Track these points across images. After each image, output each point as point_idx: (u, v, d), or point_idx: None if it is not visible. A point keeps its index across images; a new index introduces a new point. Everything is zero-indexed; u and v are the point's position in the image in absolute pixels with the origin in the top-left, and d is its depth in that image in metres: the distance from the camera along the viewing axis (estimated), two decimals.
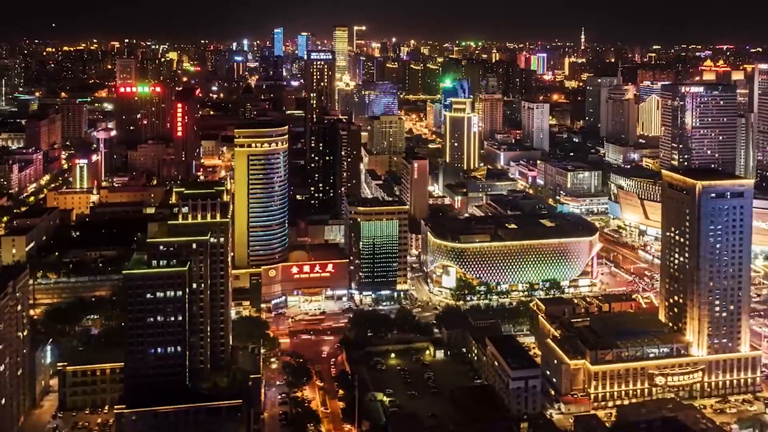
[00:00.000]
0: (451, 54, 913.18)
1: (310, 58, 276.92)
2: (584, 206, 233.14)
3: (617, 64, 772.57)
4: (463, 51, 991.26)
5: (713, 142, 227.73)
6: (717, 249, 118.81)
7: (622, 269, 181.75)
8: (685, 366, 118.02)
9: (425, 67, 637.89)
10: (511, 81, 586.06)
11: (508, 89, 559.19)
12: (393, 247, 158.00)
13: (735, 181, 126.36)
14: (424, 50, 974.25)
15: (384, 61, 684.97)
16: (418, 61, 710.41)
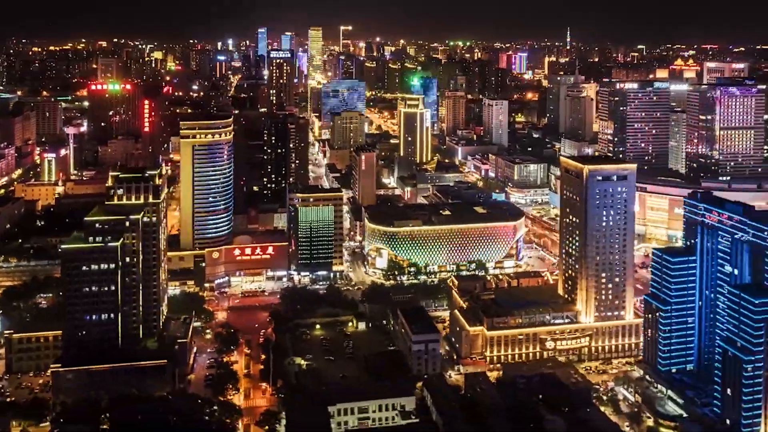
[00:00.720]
0: (435, 54, 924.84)
1: (269, 56, 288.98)
2: (528, 197, 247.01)
3: (600, 63, 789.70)
4: (449, 51, 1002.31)
5: (647, 135, 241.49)
6: (602, 227, 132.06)
7: (550, 253, 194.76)
8: (573, 332, 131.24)
9: (403, 67, 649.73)
10: (487, 80, 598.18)
11: (484, 88, 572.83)
12: (329, 231, 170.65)
13: (619, 165, 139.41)
14: (410, 50, 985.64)
15: (364, 61, 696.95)
16: (401, 60, 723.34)
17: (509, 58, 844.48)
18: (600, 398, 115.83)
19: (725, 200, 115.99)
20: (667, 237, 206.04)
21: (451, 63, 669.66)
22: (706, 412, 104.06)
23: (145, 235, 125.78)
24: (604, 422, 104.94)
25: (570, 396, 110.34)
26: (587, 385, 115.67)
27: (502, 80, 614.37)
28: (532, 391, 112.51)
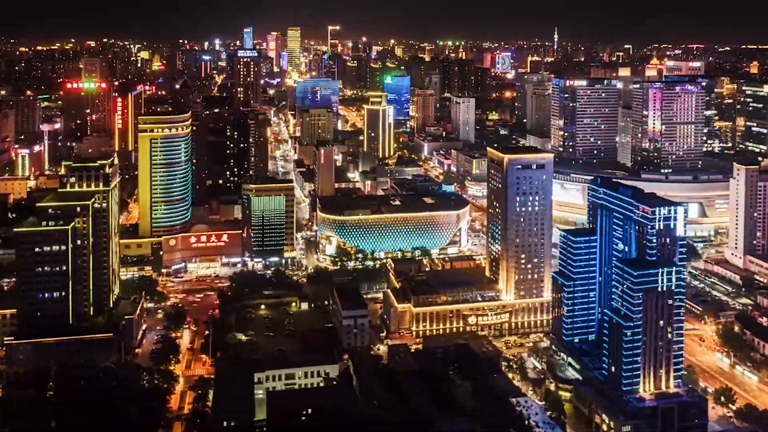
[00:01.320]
0: (422, 54, 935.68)
1: (237, 55, 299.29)
2: (485, 189, 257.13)
3: (586, 62, 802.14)
4: (436, 50, 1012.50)
5: (596, 130, 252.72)
6: (521, 212, 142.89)
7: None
8: (494, 309, 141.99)
9: (384, 66, 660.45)
10: (467, 79, 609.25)
11: (463, 86, 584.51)
12: (280, 220, 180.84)
13: (538, 155, 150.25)
14: (398, 50, 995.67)
15: (346, 60, 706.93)
16: (384, 60, 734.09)
17: (493, 58, 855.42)
18: (510, 366, 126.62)
19: (621, 184, 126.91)
20: None
21: (433, 62, 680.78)
22: (597, 375, 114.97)
23: (95, 219, 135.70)
24: (508, 386, 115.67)
25: (480, 364, 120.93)
26: (496, 355, 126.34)
27: (482, 79, 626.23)
28: (447, 360, 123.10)
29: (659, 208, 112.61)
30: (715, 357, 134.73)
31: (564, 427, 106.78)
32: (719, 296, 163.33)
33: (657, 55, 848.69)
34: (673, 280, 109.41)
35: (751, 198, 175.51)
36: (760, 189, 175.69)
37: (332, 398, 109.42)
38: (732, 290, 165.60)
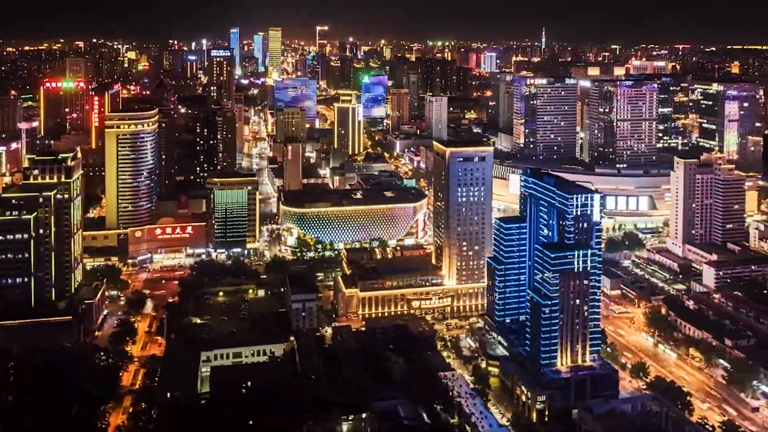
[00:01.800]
0: (409, 54, 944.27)
1: (210, 55, 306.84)
2: None
3: (572, 62, 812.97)
4: (424, 50, 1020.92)
5: (555, 127, 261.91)
6: (462, 202, 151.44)
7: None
8: (436, 293, 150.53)
9: (367, 66, 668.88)
10: (449, 78, 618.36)
11: (445, 86, 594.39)
12: (243, 212, 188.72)
13: (478, 148, 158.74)
14: (386, 50, 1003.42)
15: (330, 60, 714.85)
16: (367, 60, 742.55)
17: (478, 58, 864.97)
18: (446, 346, 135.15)
19: (547, 174, 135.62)
20: None
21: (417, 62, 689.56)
22: (521, 352, 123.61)
23: (57, 210, 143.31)
24: (439, 362, 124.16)
25: (416, 343, 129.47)
26: (432, 334, 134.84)
27: (463, 79, 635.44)
28: (386, 340, 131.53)
29: (576, 196, 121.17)
30: (641, 337, 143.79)
31: (486, 397, 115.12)
32: (657, 282, 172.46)
33: (642, 55, 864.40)
34: (589, 261, 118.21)
35: (689, 190, 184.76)
36: (698, 182, 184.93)
37: (272, 373, 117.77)
38: (670, 277, 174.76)
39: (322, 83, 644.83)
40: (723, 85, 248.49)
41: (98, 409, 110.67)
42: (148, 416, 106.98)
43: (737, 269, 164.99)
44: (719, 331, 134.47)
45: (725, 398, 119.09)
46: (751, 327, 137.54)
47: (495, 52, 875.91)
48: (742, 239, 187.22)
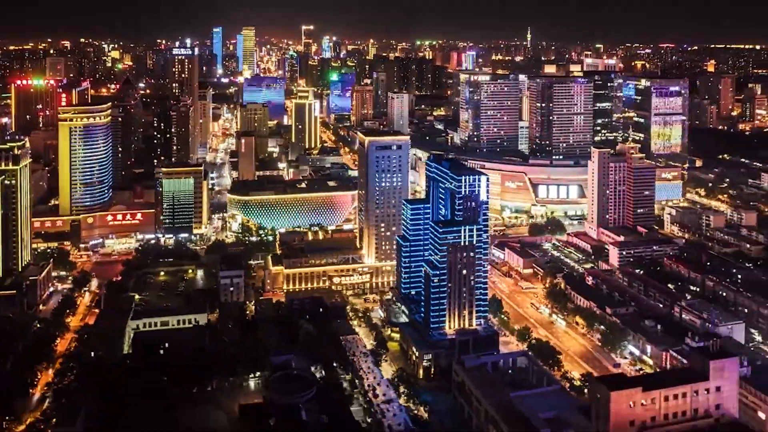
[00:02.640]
0: (394, 53, 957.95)
1: (171, 53, 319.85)
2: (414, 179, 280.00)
3: (555, 61, 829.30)
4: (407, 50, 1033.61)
5: (499, 121, 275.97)
6: (380, 186, 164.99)
7: None
8: (356, 270, 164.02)
9: (343, 64, 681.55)
10: (424, 76, 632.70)
11: (421, 83, 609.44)
12: (189, 200, 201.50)
13: (395, 137, 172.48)
14: (372, 49, 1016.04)
15: (308, 59, 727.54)
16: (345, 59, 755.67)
17: (459, 56, 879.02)
18: (358, 316, 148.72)
19: (446, 159, 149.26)
20: (500, 206, 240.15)
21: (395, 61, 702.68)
22: (417, 318, 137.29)
23: (4, 194, 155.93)
24: (346, 328, 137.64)
25: (327, 312, 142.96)
26: (343, 305, 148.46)
27: (438, 77, 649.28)
28: (302, 310, 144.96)
29: (465, 177, 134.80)
30: (541, 309, 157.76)
31: (382, 357, 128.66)
32: (570, 262, 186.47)
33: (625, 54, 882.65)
34: (475, 236, 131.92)
35: (603, 178, 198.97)
36: (611, 170, 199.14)
37: (190, 337, 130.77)
38: (582, 257, 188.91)
39: (302, 81, 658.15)
40: (650, 81, 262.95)
41: (32, 368, 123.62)
42: (73, 374, 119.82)
43: (639, 249, 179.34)
44: (604, 301, 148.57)
45: (597, 358, 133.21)
46: (636, 298, 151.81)
47: (475, 51, 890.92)
48: (653, 223, 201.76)
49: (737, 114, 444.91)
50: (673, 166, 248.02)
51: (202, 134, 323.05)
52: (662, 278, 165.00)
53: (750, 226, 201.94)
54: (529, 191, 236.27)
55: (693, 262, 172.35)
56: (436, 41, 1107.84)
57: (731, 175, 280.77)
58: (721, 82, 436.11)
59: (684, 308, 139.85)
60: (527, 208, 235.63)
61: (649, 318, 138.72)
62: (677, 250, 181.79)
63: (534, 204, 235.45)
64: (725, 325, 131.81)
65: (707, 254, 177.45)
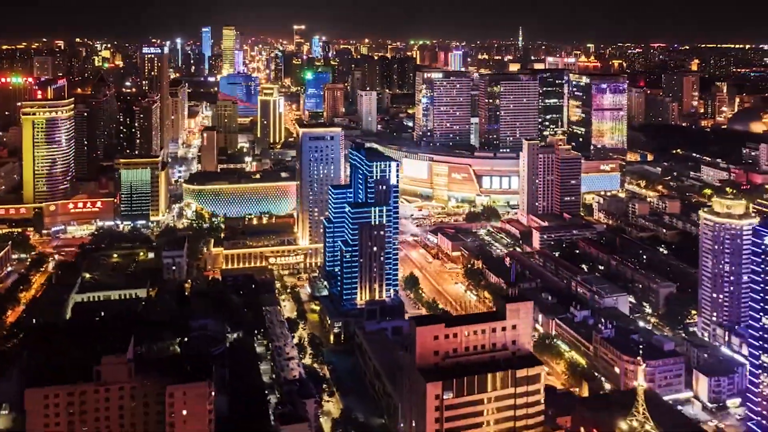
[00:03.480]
0: (385, 52, 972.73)
1: (142, 52, 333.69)
2: None
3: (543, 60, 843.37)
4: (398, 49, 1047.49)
5: (451, 116, 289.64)
6: (313, 174, 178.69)
7: None
8: (290, 252, 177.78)
9: (326, 63, 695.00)
10: (406, 75, 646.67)
11: (403, 82, 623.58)
12: (146, 189, 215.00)
13: (328, 129, 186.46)
14: (363, 49, 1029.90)
15: (292, 58, 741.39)
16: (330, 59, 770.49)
17: (446, 56, 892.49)
18: (286, 291, 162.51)
19: (363, 147, 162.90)
20: (447, 197, 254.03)
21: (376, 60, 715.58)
22: (334, 292, 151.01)
23: None
24: (271, 300, 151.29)
25: (256, 287, 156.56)
26: (272, 282, 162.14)
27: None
28: (234, 286, 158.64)
29: (377, 163, 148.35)
30: (458, 285, 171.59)
31: (298, 325, 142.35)
32: (499, 246, 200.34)
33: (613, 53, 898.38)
34: (384, 216, 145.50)
35: (532, 168, 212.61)
36: (540, 161, 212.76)
37: (125, 308, 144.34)
38: (511, 242, 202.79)
39: (287, 80, 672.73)
40: (591, 78, 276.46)
41: None
42: (18, 338, 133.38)
43: (559, 233, 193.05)
44: (507, 276, 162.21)
45: None
46: (542, 276, 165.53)
47: (462, 51, 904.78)
48: (578, 210, 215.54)
49: (701, 111, 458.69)
50: (612, 159, 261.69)
51: (174, 130, 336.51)
52: (576, 259, 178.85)
53: (673, 213, 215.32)
54: (474, 182, 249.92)
55: (607, 244, 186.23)
56: (430, 41, 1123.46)
57: (679, 168, 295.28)
58: (684, 80, 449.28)
59: (579, 283, 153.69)
60: (472, 198, 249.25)
61: (546, 291, 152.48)
62: (596, 234, 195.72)
63: (478, 194, 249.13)
64: (611, 297, 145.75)
65: (622, 238, 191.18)
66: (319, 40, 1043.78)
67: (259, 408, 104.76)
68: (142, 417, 75.69)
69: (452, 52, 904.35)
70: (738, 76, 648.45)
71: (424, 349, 79.05)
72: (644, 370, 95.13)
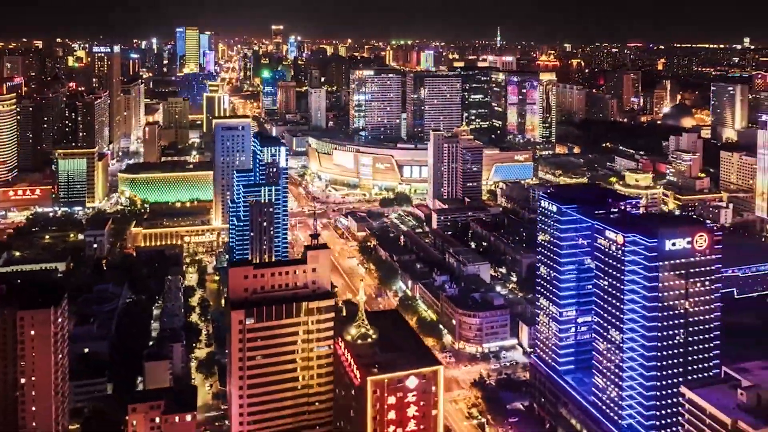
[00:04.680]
0: (362, 53, 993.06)
1: (92, 51, 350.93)
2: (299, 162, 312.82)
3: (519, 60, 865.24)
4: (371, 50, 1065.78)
5: (383, 111, 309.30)
6: (225, 160, 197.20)
7: None
8: (204, 231, 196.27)
9: (295, 63, 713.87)
10: None
11: None
12: (82, 177, 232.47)
13: (239, 120, 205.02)
14: (341, 49, 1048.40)
15: (260, 58, 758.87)
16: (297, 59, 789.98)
17: (418, 55, 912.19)
18: (193, 264, 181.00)
19: (260, 135, 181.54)
20: (372, 185, 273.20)
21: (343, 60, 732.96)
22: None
23: None
24: (176, 270, 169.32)
25: (165, 261, 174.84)
26: (179, 255, 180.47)
27: None
28: (147, 259, 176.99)
29: (267, 147, 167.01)
30: (352, 260, 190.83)
31: (195, 291, 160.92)
32: (404, 227, 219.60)
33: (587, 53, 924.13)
34: (274, 195, 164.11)
35: (438, 156, 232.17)
36: (445, 150, 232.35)
37: (40, 277, 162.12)
38: (416, 224, 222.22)
39: (256, 80, 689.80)
40: (505, 74, 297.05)
41: None
42: None
43: (454, 215, 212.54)
44: (397, 252, 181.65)
45: (376, 293, 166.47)
46: (425, 250, 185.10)
47: (432, 50, 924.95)
48: (480, 195, 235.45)
49: (639, 108, 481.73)
50: (526, 150, 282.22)
51: (127, 125, 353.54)
52: (466, 237, 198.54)
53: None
54: (396, 172, 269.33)
55: (495, 225, 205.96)
56: (412, 41, 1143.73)
57: (601, 159, 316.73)
58: (624, 78, 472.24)
59: (450, 254, 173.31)
60: (394, 187, 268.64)
61: (422, 262, 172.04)
62: (490, 216, 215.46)
63: (400, 182, 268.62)
64: (473, 265, 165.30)
65: (510, 219, 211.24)
66: (294, 40, 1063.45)
67: (136, 351, 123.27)
68: (1, 339, 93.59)
69: (423, 51, 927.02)
70: (698, 74, 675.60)
71: (235, 286, 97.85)
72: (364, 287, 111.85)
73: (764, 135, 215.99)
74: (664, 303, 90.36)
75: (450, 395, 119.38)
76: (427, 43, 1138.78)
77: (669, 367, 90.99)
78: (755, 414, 74.09)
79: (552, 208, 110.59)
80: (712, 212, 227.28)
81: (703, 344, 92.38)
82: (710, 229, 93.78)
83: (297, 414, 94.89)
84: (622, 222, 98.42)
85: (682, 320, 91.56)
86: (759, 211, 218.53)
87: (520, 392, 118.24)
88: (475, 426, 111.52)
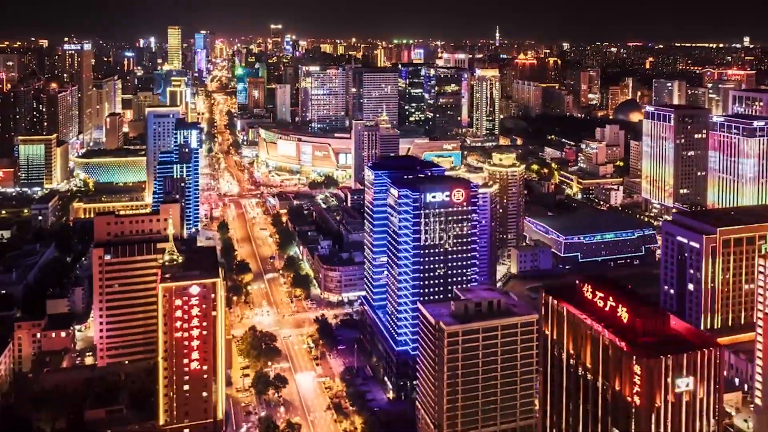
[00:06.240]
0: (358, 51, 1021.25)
1: (63, 48, 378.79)
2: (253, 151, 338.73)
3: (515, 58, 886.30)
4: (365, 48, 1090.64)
5: (329, 105, 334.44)
6: (156, 145, 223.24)
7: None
8: (137, 207, 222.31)
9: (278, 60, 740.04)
10: None
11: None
12: (41, 161, 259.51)
13: (170, 109, 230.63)
14: (340, 48, 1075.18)
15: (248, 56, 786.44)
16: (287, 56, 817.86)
17: (409, 54, 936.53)
18: None
19: (189, 123, 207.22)
20: (311, 171, 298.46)
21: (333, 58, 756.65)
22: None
23: None
24: None
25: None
26: None
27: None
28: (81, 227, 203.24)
29: (181, 131, 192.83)
30: (265, 231, 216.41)
31: None
32: (324, 206, 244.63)
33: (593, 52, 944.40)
34: (185, 171, 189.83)
35: (359, 143, 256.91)
36: (365, 137, 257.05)
37: None
38: (336, 203, 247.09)
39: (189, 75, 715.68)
40: (435, 70, 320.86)
41: None
42: None
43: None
44: (300, 224, 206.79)
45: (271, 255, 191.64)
46: (328, 222, 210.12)
47: (423, 49, 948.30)
48: None
49: (595, 103, 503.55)
50: (454, 139, 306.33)
51: (99, 118, 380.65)
52: None
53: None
54: (332, 159, 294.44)
55: None
56: (415, 40, 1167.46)
57: (535, 150, 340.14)
58: (581, 75, 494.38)
59: (343, 225, 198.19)
60: (331, 172, 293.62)
61: (321, 232, 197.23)
62: None
63: (336, 168, 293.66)
64: (357, 233, 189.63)
65: None
66: (290, 38, 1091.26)
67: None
68: None
69: (413, 50, 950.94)
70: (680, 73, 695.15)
71: (99, 231, 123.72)
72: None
73: (648, 124, 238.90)
74: (426, 242, 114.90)
75: (300, 330, 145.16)
76: (426, 42, 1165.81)
77: (432, 294, 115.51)
78: (455, 317, 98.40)
79: (371, 175, 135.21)
80: (605, 194, 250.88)
81: (460, 276, 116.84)
82: (467, 186, 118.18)
83: (145, 326, 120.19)
84: (409, 183, 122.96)
85: (442, 257, 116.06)
86: (644, 193, 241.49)
87: (356, 329, 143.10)
88: (307, 350, 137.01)
